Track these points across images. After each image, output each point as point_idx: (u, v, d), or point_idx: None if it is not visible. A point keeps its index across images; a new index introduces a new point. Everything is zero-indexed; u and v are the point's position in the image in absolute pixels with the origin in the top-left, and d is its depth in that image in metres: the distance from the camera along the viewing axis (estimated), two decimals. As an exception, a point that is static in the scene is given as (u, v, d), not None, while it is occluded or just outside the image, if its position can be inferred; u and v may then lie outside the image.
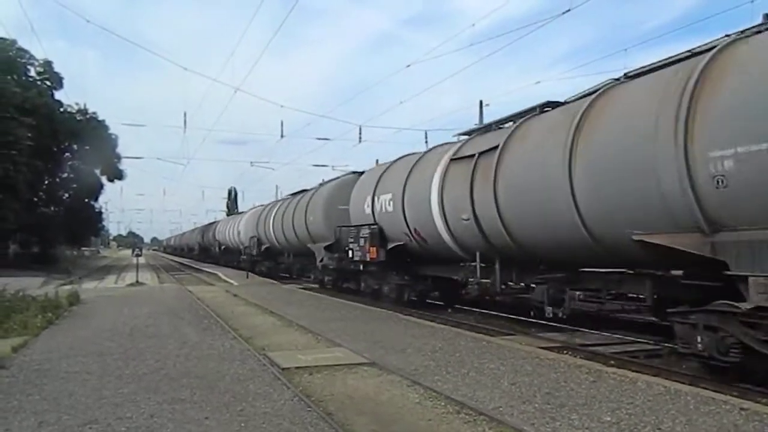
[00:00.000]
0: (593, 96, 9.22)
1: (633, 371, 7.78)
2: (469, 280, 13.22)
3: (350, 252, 17.26)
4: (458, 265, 13.53)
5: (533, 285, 10.97)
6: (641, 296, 9.16)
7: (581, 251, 9.32)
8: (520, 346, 9.55)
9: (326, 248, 20.22)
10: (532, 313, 11.82)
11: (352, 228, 17.41)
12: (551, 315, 10.29)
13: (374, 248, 15.87)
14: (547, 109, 10.98)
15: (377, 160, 20.78)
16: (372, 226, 16.14)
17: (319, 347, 9.76)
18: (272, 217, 29.24)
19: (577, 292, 9.95)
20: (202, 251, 59.72)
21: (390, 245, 15.59)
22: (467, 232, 12.07)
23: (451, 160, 12.78)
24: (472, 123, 29.84)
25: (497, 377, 7.29)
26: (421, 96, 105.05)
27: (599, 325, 11.72)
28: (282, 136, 32.88)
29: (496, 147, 11.00)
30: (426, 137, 34.18)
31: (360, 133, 31.24)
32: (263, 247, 31.47)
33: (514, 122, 11.58)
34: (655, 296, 8.76)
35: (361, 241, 16.48)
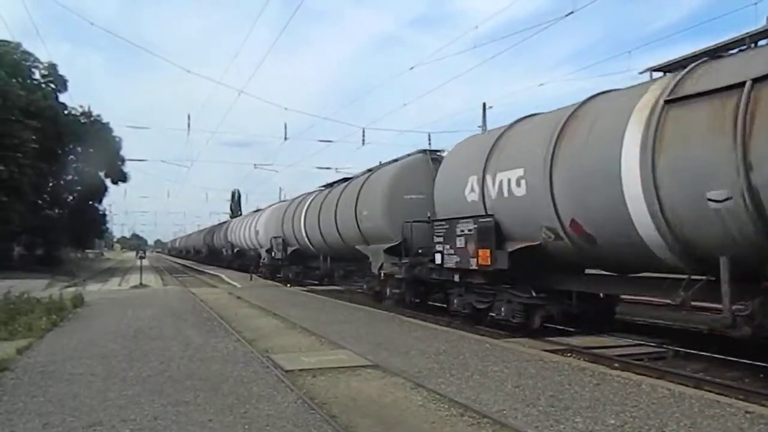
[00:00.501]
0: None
1: (637, 374, 7.76)
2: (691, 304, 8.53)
3: (439, 256, 12.85)
4: (652, 279, 9.20)
5: None
6: None
7: None
8: (523, 348, 9.53)
9: (387, 251, 15.93)
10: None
11: (442, 223, 12.88)
12: None
13: (486, 251, 11.21)
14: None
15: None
16: (482, 220, 11.39)
17: (322, 349, 9.76)
18: (303, 214, 24.28)
19: None
20: (210, 253, 55.44)
21: (513, 247, 10.84)
22: (717, 222, 7.13)
23: (668, 101, 7.78)
24: (476, 125, 29.77)
25: (501, 380, 7.28)
26: (424, 98, 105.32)
27: (603, 328, 11.69)
28: (285, 138, 32.58)
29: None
30: (429, 139, 34.13)
31: (363, 136, 31.11)
32: (290, 250, 27.04)
33: None
34: None
35: (460, 241, 12.03)
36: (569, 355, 9.41)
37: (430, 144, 31.23)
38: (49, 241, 47.44)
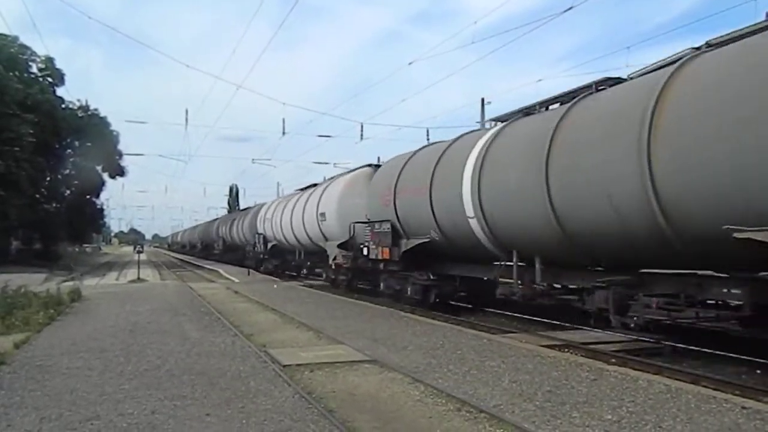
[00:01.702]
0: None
1: (634, 369, 7.79)
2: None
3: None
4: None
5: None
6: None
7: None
8: (521, 344, 9.55)
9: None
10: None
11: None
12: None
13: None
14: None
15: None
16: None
17: (320, 344, 9.77)
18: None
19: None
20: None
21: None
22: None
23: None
24: (475, 120, 29.83)
25: (498, 375, 7.29)
26: (423, 93, 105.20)
27: (600, 323, 11.71)
28: (284, 133, 32.61)
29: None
30: (428, 135, 34.22)
31: (362, 131, 31.13)
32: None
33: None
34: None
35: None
36: (566, 350, 9.45)
37: (428, 139, 31.30)
38: (47, 235, 47.32)
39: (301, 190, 27.05)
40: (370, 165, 19.96)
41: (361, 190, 18.37)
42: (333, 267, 20.44)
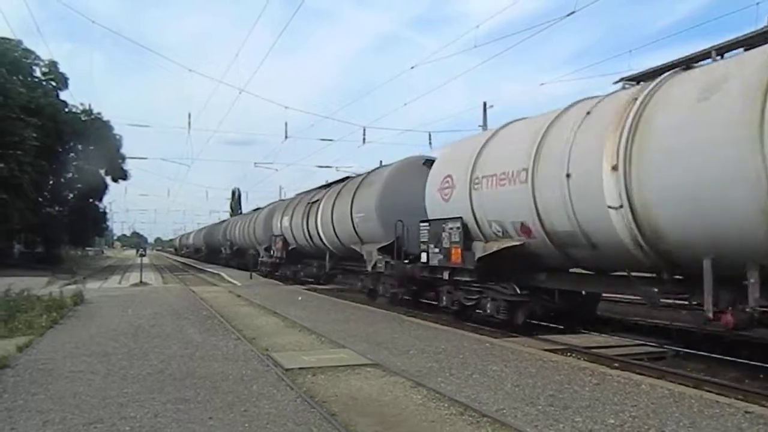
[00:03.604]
0: None
1: (637, 374, 7.77)
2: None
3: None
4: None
5: None
6: None
7: None
8: (523, 348, 9.54)
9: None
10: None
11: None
12: None
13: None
14: None
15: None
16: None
17: (322, 348, 9.77)
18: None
19: None
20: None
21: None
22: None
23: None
24: (477, 125, 29.84)
25: (501, 379, 7.29)
26: (425, 97, 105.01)
27: (603, 327, 11.70)
28: (286, 137, 32.65)
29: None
30: (430, 139, 34.21)
31: (364, 135, 31.10)
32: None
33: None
34: None
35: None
36: (569, 354, 9.42)
37: (430, 143, 31.29)
38: (50, 238, 47.47)
39: (324, 187, 23.90)
40: (418, 156, 17.29)
41: (409, 183, 15.61)
42: (372, 275, 17.15)
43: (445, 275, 12.86)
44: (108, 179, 50.19)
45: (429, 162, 15.87)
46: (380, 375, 7.66)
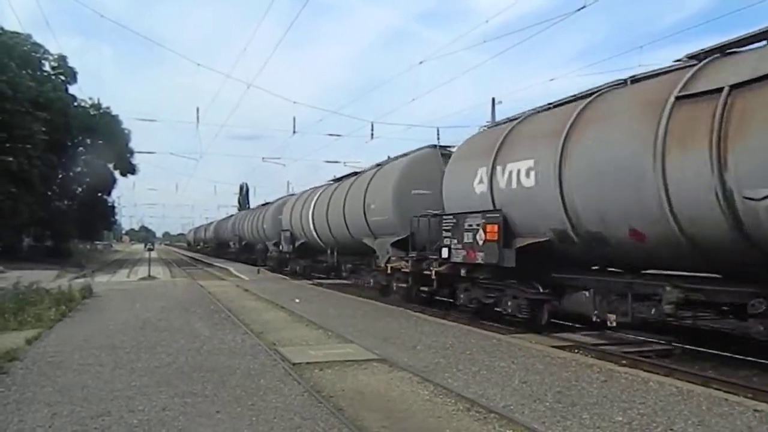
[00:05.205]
0: None
1: (645, 371, 7.74)
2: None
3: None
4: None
5: None
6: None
7: None
8: (531, 344, 9.51)
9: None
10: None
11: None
12: None
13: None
14: None
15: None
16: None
17: (329, 343, 9.78)
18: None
19: None
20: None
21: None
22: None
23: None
24: (485, 120, 29.68)
25: (508, 375, 7.27)
26: (433, 93, 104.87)
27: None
28: (294, 132, 32.64)
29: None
30: (438, 134, 34.24)
31: (372, 130, 30.97)
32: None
33: None
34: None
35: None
36: (577, 351, 9.40)
37: (438, 139, 31.11)
38: (58, 232, 47.71)
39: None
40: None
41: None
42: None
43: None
44: (117, 173, 50.47)
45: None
46: (387, 370, 7.66)
